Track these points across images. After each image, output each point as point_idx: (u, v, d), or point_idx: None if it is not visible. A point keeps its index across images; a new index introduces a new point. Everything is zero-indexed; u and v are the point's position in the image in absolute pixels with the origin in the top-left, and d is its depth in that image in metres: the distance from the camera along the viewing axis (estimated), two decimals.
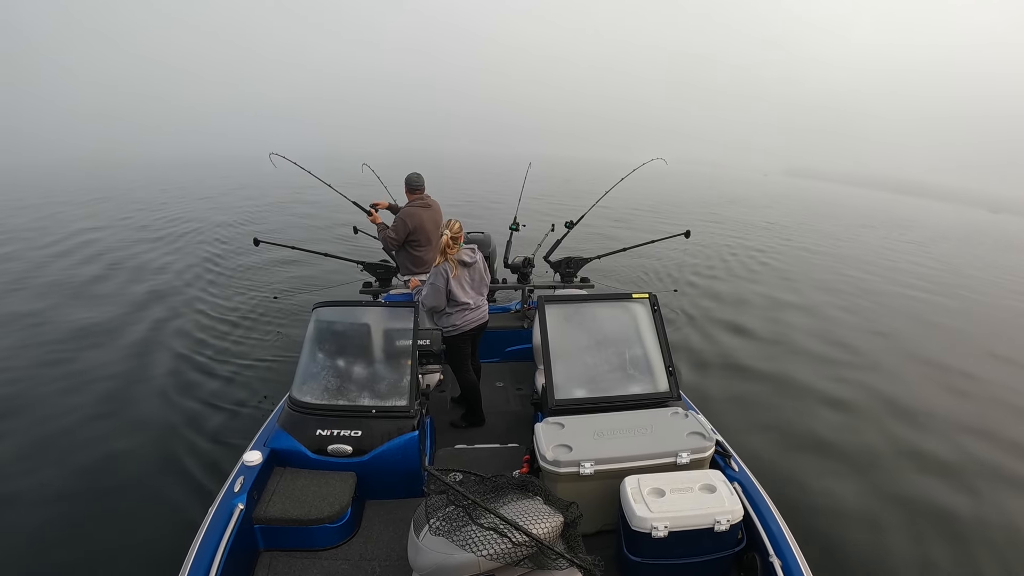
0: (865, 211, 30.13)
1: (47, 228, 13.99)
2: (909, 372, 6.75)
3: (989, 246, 20.32)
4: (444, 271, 3.57)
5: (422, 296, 3.68)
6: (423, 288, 3.73)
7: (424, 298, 3.64)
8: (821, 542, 3.52)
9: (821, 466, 4.56)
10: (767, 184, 49.71)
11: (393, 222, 4.45)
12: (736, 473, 2.82)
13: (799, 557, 2.32)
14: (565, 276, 5.25)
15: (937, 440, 5.10)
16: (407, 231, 4.36)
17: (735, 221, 19.99)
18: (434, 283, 3.60)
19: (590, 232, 10.54)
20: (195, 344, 6.44)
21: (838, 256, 14.66)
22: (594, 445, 2.69)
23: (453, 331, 3.72)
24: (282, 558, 2.66)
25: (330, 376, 3.23)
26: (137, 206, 18.45)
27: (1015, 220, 35.88)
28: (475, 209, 17.76)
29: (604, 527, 2.73)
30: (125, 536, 3.45)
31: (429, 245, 4.46)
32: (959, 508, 4.12)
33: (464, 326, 3.73)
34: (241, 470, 2.75)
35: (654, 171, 6.12)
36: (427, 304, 3.65)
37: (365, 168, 5.94)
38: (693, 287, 10.09)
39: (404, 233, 4.37)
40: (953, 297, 11.09)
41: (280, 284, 9.01)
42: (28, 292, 8.51)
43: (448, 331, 3.71)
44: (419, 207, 4.44)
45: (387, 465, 2.97)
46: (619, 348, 3.40)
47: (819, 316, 8.91)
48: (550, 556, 1.90)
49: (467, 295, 3.70)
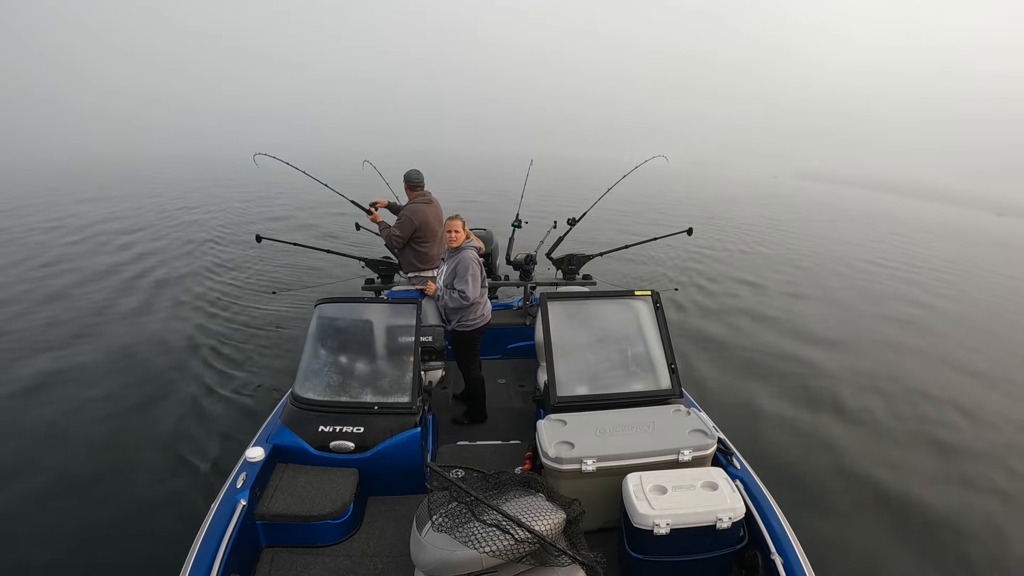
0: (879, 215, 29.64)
1: (46, 221, 14.02)
2: (909, 373, 6.74)
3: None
4: (476, 258, 3.65)
5: (462, 294, 3.58)
6: (459, 286, 3.61)
7: (469, 293, 3.57)
8: (822, 540, 3.51)
9: (823, 464, 4.55)
10: (777, 186, 49.37)
11: (398, 220, 4.44)
12: (738, 471, 2.82)
13: (800, 555, 2.31)
14: (567, 273, 5.24)
15: (940, 439, 5.10)
16: (413, 228, 4.35)
17: (738, 221, 19.95)
18: (475, 273, 3.62)
19: (592, 229, 10.53)
20: (197, 341, 6.46)
21: (840, 257, 14.63)
22: (596, 442, 2.69)
23: (478, 321, 3.75)
24: (284, 554, 2.67)
25: (332, 372, 3.23)
26: (136, 203, 18.48)
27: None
28: (477, 206, 17.75)
29: (606, 524, 2.73)
30: (128, 532, 3.47)
31: (434, 241, 4.45)
32: (960, 510, 4.12)
33: (487, 315, 3.80)
34: (243, 466, 2.75)
35: (659, 172, 6.10)
36: (471, 298, 3.60)
37: (367, 165, 5.93)
38: (695, 284, 10.08)
39: (410, 230, 4.36)
40: (952, 296, 11.06)
41: (282, 281, 9.03)
42: (28, 288, 8.54)
43: (472, 323, 3.72)
44: (422, 203, 4.44)
45: (389, 461, 2.97)
46: (621, 345, 3.39)
47: (821, 317, 8.90)
48: (552, 553, 1.90)
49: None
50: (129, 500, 3.77)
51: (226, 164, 35.08)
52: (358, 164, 6.31)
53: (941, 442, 5.05)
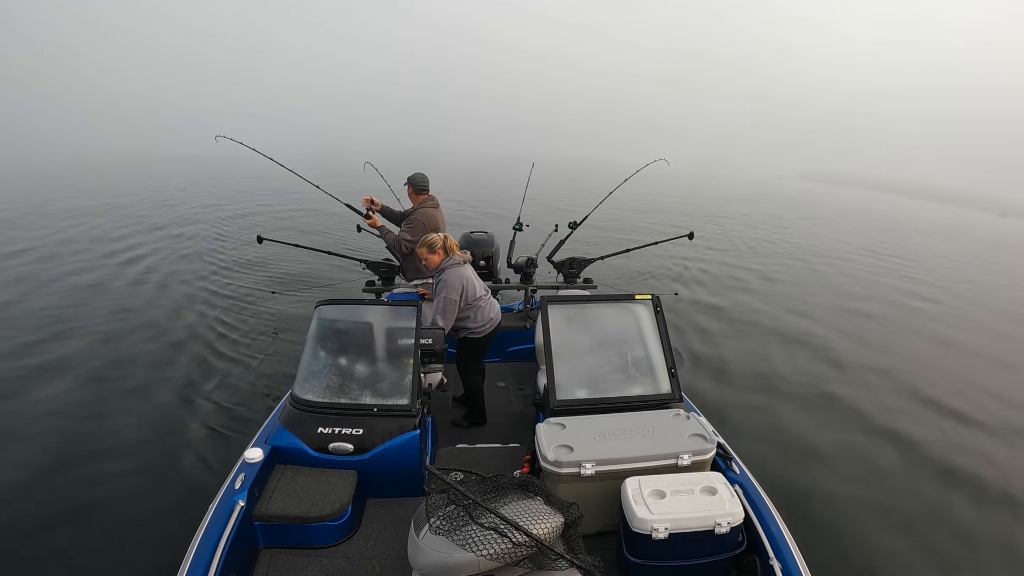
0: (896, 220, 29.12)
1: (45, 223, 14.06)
2: (911, 376, 6.72)
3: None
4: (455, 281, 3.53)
5: (434, 322, 3.52)
6: (435, 307, 3.57)
7: (440, 323, 3.49)
8: (821, 545, 3.50)
9: (822, 469, 4.54)
10: (782, 187, 49.21)
11: (409, 224, 4.36)
12: (737, 475, 2.81)
13: (799, 560, 2.31)
14: (568, 277, 5.25)
15: (942, 442, 5.08)
16: (425, 233, 4.31)
17: (741, 223, 19.94)
18: (447, 300, 3.49)
19: (594, 233, 10.53)
20: (196, 341, 6.46)
21: (845, 259, 14.61)
22: (595, 446, 2.69)
23: (482, 330, 3.71)
24: (282, 556, 2.66)
25: (332, 374, 3.23)
26: (135, 203, 18.53)
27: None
28: (478, 209, 17.77)
29: (604, 528, 2.73)
30: (125, 532, 3.46)
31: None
32: (961, 514, 4.11)
33: (492, 321, 3.76)
34: (242, 467, 2.75)
35: (663, 174, 6.12)
36: (445, 328, 3.50)
37: (368, 167, 5.93)
38: (697, 288, 10.08)
39: (422, 235, 4.31)
40: (946, 302, 11.04)
41: (282, 282, 9.03)
42: (28, 284, 8.56)
43: (476, 331, 3.69)
44: (431, 208, 4.41)
45: (388, 464, 2.97)
46: (621, 349, 3.39)
47: (823, 320, 8.89)
48: (550, 557, 1.89)
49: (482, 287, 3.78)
50: (127, 500, 3.76)
51: (226, 164, 35.11)
52: (359, 165, 6.32)
53: (942, 445, 5.03)
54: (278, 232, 12.76)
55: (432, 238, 3.62)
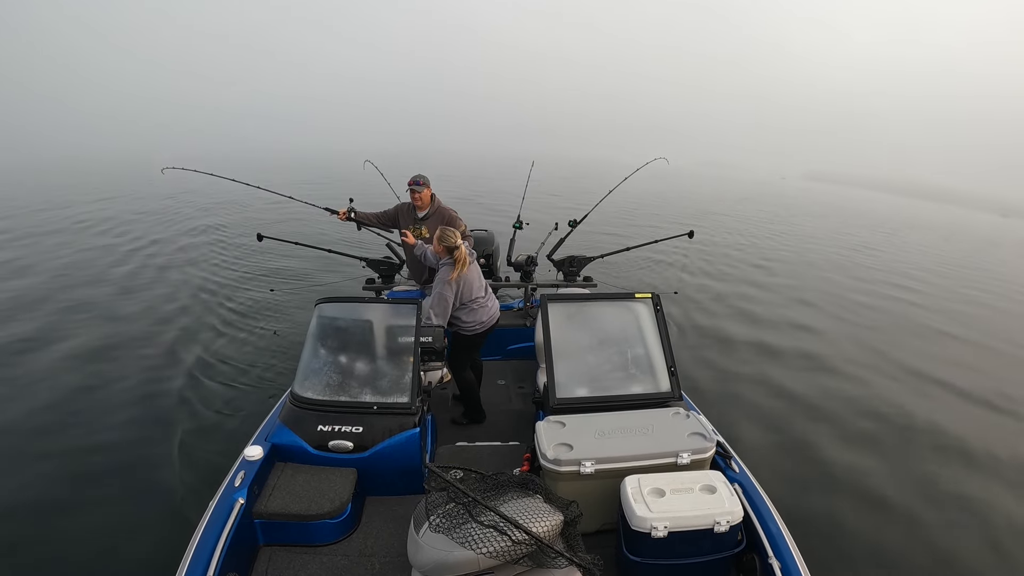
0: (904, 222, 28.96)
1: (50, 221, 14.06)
2: (911, 376, 6.73)
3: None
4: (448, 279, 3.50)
5: (431, 309, 3.51)
6: (431, 300, 3.56)
7: (432, 319, 3.48)
8: (821, 544, 3.51)
9: (822, 468, 4.54)
10: (785, 187, 49.02)
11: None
12: (736, 474, 2.81)
13: (798, 559, 2.31)
14: (568, 275, 5.25)
15: (940, 442, 5.09)
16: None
17: (744, 224, 19.94)
18: (441, 296, 3.47)
19: (594, 231, 10.53)
20: (196, 339, 6.46)
21: (846, 258, 14.61)
22: (595, 444, 2.69)
23: (476, 327, 3.69)
24: (282, 553, 2.67)
25: (332, 372, 3.23)
26: (136, 201, 18.53)
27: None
28: (478, 207, 17.75)
29: (604, 526, 2.73)
30: (124, 530, 3.46)
31: None
32: (962, 512, 4.11)
33: (488, 320, 3.74)
34: (242, 465, 2.75)
35: (664, 173, 6.12)
36: (435, 322, 3.47)
37: (368, 165, 5.93)
38: (697, 287, 10.08)
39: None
40: (946, 302, 11.04)
41: (282, 279, 9.03)
42: (29, 282, 8.56)
43: (469, 328, 3.67)
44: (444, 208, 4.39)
45: (388, 462, 2.97)
46: (621, 347, 3.39)
47: (824, 318, 8.88)
48: (549, 555, 1.89)
49: (481, 289, 3.74)
50: (126, 498, 3.77)
51: (227, 164, 35.09)
52: (359, 165, 6.32)
53: (943, 448, 5.03)
54: (278, 230, 12.75)
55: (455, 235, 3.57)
